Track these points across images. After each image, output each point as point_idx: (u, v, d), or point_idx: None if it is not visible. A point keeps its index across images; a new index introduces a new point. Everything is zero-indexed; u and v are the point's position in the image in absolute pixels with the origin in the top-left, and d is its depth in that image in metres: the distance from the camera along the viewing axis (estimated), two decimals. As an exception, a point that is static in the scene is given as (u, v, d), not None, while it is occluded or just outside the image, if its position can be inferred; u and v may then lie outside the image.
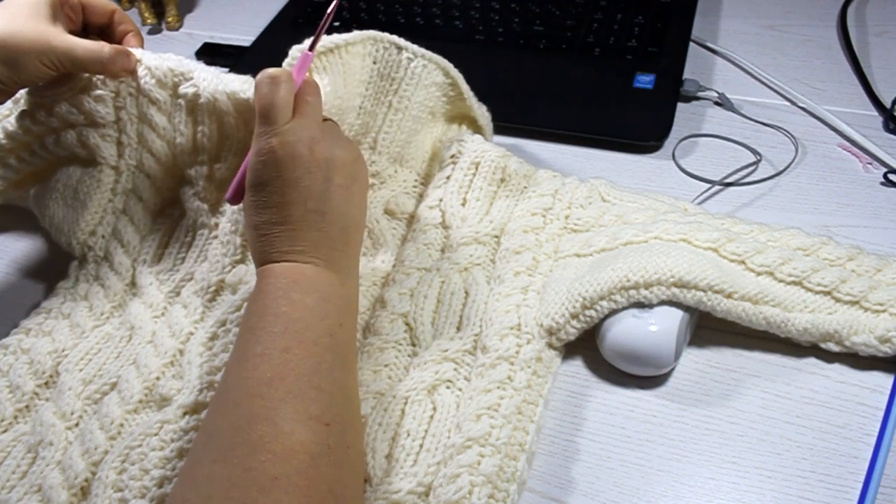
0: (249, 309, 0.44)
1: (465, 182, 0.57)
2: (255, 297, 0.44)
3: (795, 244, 0.52)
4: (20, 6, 0.52)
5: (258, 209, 0.45)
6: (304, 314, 0.42)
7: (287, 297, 0.43)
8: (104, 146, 0.56)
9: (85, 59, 0.53)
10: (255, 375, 0.40)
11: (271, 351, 0.41)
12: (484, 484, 0.43)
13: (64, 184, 0.58)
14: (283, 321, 0.42)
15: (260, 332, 0.42)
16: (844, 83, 0.72)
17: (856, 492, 0.44)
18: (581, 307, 0.49)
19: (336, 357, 0.42)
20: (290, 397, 0.39)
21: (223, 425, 0.39)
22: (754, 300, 0.48)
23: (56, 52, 0.52)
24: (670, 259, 0.49)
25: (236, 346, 0.43)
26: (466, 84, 0.60)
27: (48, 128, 0.56)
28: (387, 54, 0.58)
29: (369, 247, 0.56)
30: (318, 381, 0.40)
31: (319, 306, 0.43)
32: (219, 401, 0.42)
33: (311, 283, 0.44)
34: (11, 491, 0.45)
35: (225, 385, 0.42)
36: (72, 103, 0.55)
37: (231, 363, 0.43)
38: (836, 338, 0.48)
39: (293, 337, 0.41)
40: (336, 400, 0.41)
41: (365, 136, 0.59)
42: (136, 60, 0.56)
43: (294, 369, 0.40)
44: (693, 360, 0.50)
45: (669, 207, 0.56)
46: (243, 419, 0.38)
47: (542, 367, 0.49)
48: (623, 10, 0.78)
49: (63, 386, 0.50)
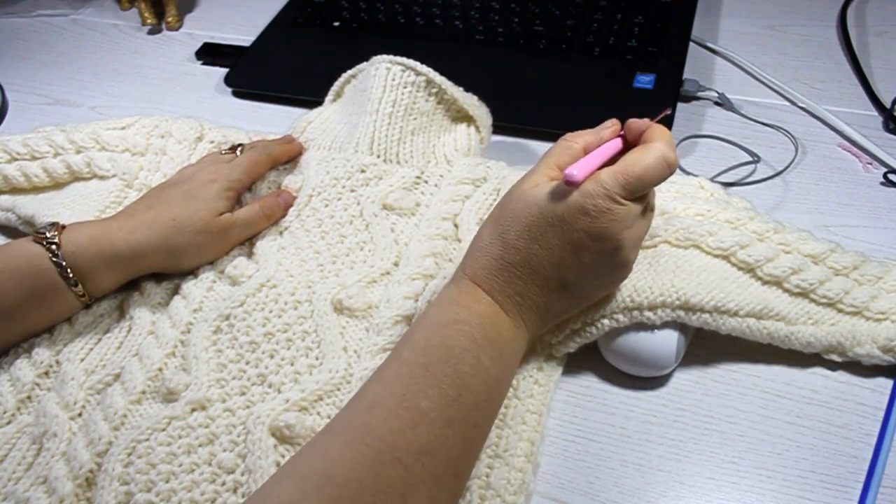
0: (437, 329, 0.41)
1: (484, 204, 0.58)
2: (450, 321, 0.41)
3: (807, 250, 0.51)
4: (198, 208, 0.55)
5: (521, 237, 0.43)
6: (481, 389, 0.40)
7: (476, 357, 0.40)
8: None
9: (248, 229, 0.57)
10: (409, 435, 0.37)
11: (436, 416, 0.38)
12: (493, 497, 0.43)
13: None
14: (459, 387, 0.39)
15: (433, 383, 0.39)
16: (844, 83, 0.72)
17: (856, 492, 0.44)
18: (582, 323, 0.48)
19: (479, 444, 0.41)
20: (431, 480, 0.37)
21: (350, 475, 0.36)
22: (758, 316, 0.48)
23: (217, 238, 0.56)
24: (676, 279, 0.48)
25: (400, 371, 0.40)
26: (450, 82, 0.62)
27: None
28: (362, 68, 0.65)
29: (367, 240, 0.56)
30: (460, 468, 0.39)
31: (497, 383, 0.42)
32: (358, 429, 0.38)
33: (504, 349, 0.42)
34: (18, 483, 0.45)
35: (372, 416, 0.38)
36: None
37: (389, 387, 0.39)
38: (839, 349, 0.48)
39: (461, 410, 0.39)
40: (461, 488, 0.40)
41: (349, 141, 0.62)
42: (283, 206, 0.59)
43: (447, 450, 0.38)
44: (693, 361, 0.50)
45: (691, 189, 0.56)
46: (378, 482, 0.35)
47: (544, 376, 0.49)
48: (623, 10, 0.78)
49: (65, 376, 0.50)
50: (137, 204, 0.56)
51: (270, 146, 0.62)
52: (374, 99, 0.61)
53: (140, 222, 0.53)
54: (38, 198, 0.63)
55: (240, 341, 0.50)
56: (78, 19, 0.93)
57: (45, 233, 0.50)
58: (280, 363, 0.49)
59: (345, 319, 0.51)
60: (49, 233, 0.50)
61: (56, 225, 0.51)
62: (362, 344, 0.50)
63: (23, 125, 0.76)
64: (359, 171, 0.60)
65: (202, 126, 0.67)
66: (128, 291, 0.55)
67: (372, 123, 0.61)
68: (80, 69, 0.84)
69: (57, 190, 0.64)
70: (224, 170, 0.58)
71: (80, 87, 0.81)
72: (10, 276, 0.49)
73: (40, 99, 0.80)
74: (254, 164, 0.60)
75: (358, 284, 0.53)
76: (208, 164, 0.59)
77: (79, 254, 0.50)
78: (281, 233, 0.58)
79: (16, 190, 0.64)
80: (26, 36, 0.90)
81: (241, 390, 0.48)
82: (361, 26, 0.81)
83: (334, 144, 0.63)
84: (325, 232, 0.57)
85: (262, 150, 0.61)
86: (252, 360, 0.49)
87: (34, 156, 0.63)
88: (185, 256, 0.55)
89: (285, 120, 0.72)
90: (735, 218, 0.52)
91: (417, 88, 0.61)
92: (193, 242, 0.54)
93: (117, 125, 0.67)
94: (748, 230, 0.52)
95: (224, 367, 0.49)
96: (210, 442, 0.45)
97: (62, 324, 0.53)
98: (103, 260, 0.51)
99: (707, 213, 0.53)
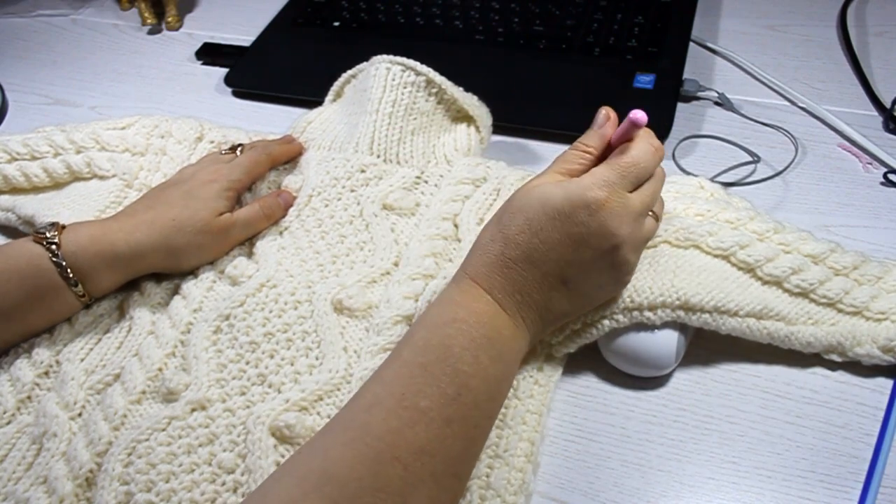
0: (437, 329, 0.41)
1: (485, 204, 0.58)
2: (449, 320, 0.42)
3: (807, 250, 0.51)
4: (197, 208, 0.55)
5: (521, 231, 0.43)
6: (481, 388, 0.40)
7: (475, 356, 0.40)
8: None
9: (248, 229, 0.57)
10: (408, 435, 0.37)
11: (435, 416, 0.38)
12: (493, 497, 0.43)
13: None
14: (458, 386, 0.39)
15: (432, 382, 0.39)
16: (844, 83, 0.72)
17: (856, 492, 0.44)
18: (582, 325, 0.49)
19: (480, 444, 0.41)
20: (430, 480, 0.37)
21: (350, 473, 0.36)
22: (758, 316, 0.48)
23: (217, 238, 0.56)
24: (676, 279, 0.48)
25: (399, 371, 0.40)
26: (450, 82, 0.62)
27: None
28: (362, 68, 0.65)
29: (367, 240, 0.56)
30: (460, 469, 0.39)
31: (496, 382, 0.42)
32: (357, 429, 0.38)
33: (503, 349, 0.42)
34: (18, 483, 0.45)
35: (371, 416, 0.38)
36: None
37: (388, 387, 0.39)
38: (839, 349, 0.48)
39: (460, 410, 0.39)
40: (461, 490, 0.40)
41: (349, 141, 0.62)
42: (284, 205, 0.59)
43: (447, 449, 0.38)
44: (693, 361, 0.50)
45: (691, 189, 0.56)
46: (377, 481, 0.36)
47: (544, 376, 0.49)
48: (623, 10, 0.78)
49: (65, 376, 0.50)
50: (137, 204, 0.56)
51: (270, 146, 0.62)
52: (374, 99, 0.61)
53: (140, 222, 0.53)
54: (38, 198, 0.63)
55: (240, 341, 0.50)
56: (78, 19, 0.93)
57: (45, 233, 0.50)
58: (280, 363, 0.49)
59: (345, 319, 0.51)
60: (49, 233, 0.50)
61: (56, 225, 0.51)
62: (362, 344, 0.50)
63: (23, 125, 0.76)
64: (359, 171, 0.60)
65: (202, 126, 0.67)
66: (128, 291, 0.55)
67: (372, 123, 0.61)
68: (80, 69, 0.84)
69: (57, 190, 0.64)
70: (224, 170, 0.58)
71: (80, 87, 0.81)
72: (10, 276, 0.49)
73: (40, 99, 0.80)
74: (254, 164, 0.60)
75: (358, 284, 0.53)
76: (208, 164, 0.59)
77: (79, 254, 0.50)
78: (281, 233, 0.58)
79: (16, 190, 0.64)
80: (26, 36, 0.90)
81: (241, 390, 0.48)
82: (361, 26, 0.81)
83: (334, 144, 0.63)
84: (325, 232, 0.57)
85: (262, 151, 0.61)
86: (252, 360, 0.49)
87: (34, 156, 0.64)
88: (185, 256, 0.55)
89: (285, 120, 0.72)
90: (735, 218, 0.52)
91: (417, 88, 0.61)
92: (193, 242, 0.54)
93: (117, 125, 0.67)
94: (748, 230, 0.52)
95: (224, 367, 0.49)
96: (210, 442, 0.45)
97: (62, 324, 0.53)
98: (103, 260, 0.51)
99: (707, 213, 0.53)
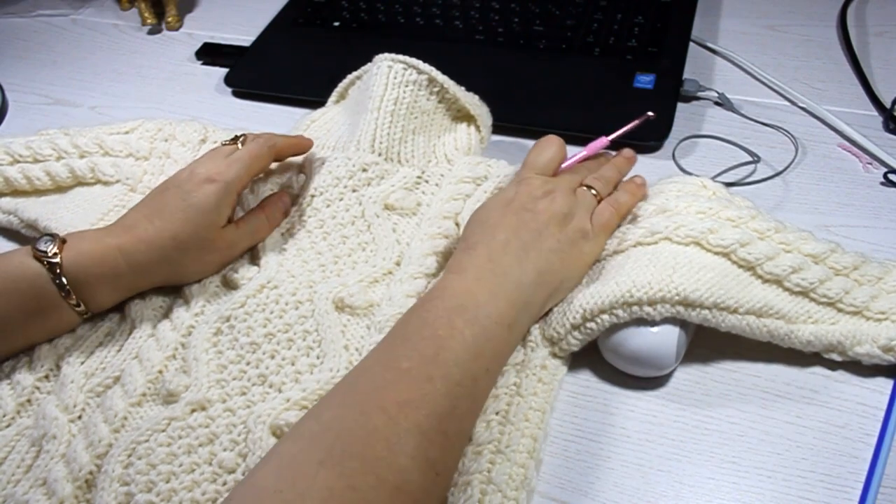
0: (416, 310, 0.45)
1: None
2: (425, 301, 0.45)
3: (807, 250, 0.51)
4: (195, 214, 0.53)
5: (477, 222, 0.51)
6: (459, 349, 0.42)
7: (449, 321, 0.43)
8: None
9: (254, 239, 0.57)
10: (391, 391, 0.39)
11: (416, 374, 0.40)
12: (494, 492, 0.43)
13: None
14: (437, 347, 0.42)
15: (411, 347, 0.42)
16: (844, 83, 0.72)
17: (856, 492, 0.44)
18: (582, 319, 0.49)
19: (470, 405, 0.42)
20: (417, 432, 0.38)
21: (340, 425, 0.38)
22: (759, 313, 0.48)
23: (223, 254, 0.56)
24: (676, 275, 0.48)
25: (386, 343, 0.44)
26: (451, 81, 0.62)
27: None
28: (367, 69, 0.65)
29: (369, 241, 0.56)
30: (447, 426, 0.40)
31: (475, 343, 0.43)
32: (345, 392, 0.41)
33: (478, 312, 0.44)
34: (17, 485, 0.45)
35: (357, 381, 0.41)
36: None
37: (374, 359, 0.43)
38: (839, 349, 0.48)
39: (440, 368, 0.41)
40: (454, 450, 0.41)
41: (350, 140, 0.62)
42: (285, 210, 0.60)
43: (430, 404, 0.39)
44: (693, 360, 0.50)
45: (693, 188, 0.56)
46: (363, 429, 0.38)
47: (548, 374, 0.49)
48: (623, 10, 0.78)
49: (65, 379, 0.50)
50: (137, 213, 0.54)
51: (274, 138, 0.59)
52: (375, 97, 0.61)
53: (139, 241, 0.51)
54: (41, 201, 0.63)
55: (240, 342, 0.50)
56: (78, 19, 0.93)
57: (45, 250, 0.49)
58: (281, 363, 0.49)
59: (346, 318, 0.52)
60: (49, 249, 0.49)
61: (56, 239, 0.50)
62: (363, 342, 0.50)
63: (23, 125, 0.76)
64: (360, 170, 0.60)
65: (206, 129, 0.67)
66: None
67: (374, 121, 0.61)
68: (80, 69, 0.84)
69: (59, 193, 0.63)
70: (222, 166, 0.55)
71: (80, 87, 0.81)
72: (9, 296, 0.49)
73: (40, 99, 0.80)
74: (254, 158, 0.57)
75: (360, 284, 0.53)
76: (207, 159, 0.57)
77: (80, 274, 0.50)
78: (283, 234, 0.58)
79: (17, 192, 0.64)
80: (26, 36, 0.90)
81: (241, 390, 0.48)
82: (361, 26, 0.81)
83: (338, 144, 0.63)
84: (326, 233, 0.57)
85: (265, 143, 0.58)
86: (253, 360, 0.49)
87: (37, 158, 0.63)
88: (188, 273, 0.54)
89: (285, 120, 0.72)
90: (736, 216, 0.52)
91: (419, 87, 0.61)
92: (197, 259, 0.54)
93: (121, 129, 0.67)
94: (749, 228, 0.51)
95: (224, 367, 0.49)
96: (210, 442, 0.45)
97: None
98: (105, 280, 0.51)
99: (709, 211, 0.53)
